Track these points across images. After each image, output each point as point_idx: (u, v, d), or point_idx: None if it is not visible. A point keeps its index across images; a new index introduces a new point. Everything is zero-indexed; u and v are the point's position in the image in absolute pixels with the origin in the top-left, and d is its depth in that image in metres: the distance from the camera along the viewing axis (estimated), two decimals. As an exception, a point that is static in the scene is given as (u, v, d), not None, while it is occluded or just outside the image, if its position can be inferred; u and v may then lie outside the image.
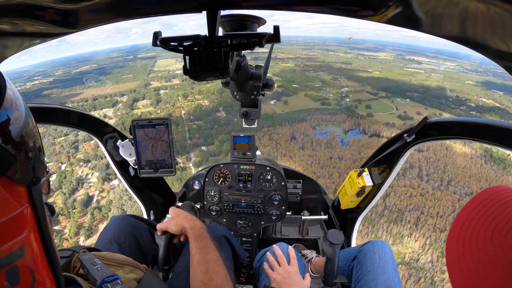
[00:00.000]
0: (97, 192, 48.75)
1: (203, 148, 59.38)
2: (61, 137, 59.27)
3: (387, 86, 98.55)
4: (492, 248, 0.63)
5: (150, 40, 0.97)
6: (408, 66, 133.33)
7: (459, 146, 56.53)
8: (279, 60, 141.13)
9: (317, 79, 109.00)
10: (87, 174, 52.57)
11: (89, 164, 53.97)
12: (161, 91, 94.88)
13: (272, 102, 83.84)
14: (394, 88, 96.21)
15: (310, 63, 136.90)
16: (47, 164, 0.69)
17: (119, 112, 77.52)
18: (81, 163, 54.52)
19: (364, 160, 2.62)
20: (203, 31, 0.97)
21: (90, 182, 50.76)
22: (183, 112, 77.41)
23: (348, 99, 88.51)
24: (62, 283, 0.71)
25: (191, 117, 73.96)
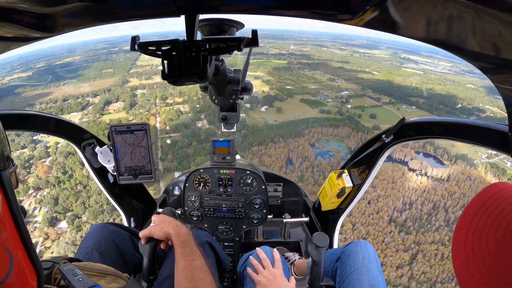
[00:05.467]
0: (40, 239, 36.51)
1: (176, 174, 43.02)
2: (18, 149, 47.91)
3: (389, 90, 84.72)
4: (505, 251, 0.56)
5: (139, 31, 0.78)
6: (405, 66, 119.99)
7: (481, 174, 44.64)
8: (271, 56, 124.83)
9: (313, 79, 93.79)
10: (34, 209, 40.07)
11: (38, 194, 41.31)
12: (138, 91, 78.97)
13: (263, 108, 67.78)
14: (397, 92, 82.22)
15: (304, 60, 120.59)
16: None
17: (86, 118, 62.82)
18: (30, 192, 42.14)
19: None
20: None
21: (35, 222, 38.27)
22: (158, 120, 60.94)
23: (349, 105, 73.69)
24: (41, 268, 0.67)
25: (167, 127, 57.58)
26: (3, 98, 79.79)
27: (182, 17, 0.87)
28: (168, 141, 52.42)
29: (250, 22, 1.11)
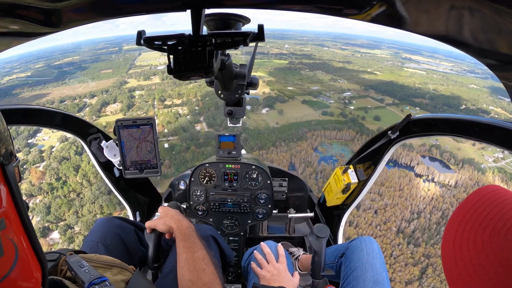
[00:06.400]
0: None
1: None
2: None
3: (392, 90, 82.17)
4: (492, 250, 0.58)
5: (139, 29, 0.92)
6: (407, 66, 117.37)
7: (489, 179, 42.80)
8: (272, 56, 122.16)
9: (315, 79, 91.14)
10: (26, 218, 36.61)
11: (31, 202, 38.89)
12: (137, 92, 76.51)
13: (264, 110, 65.33)
14: (400, 93, 79.70)
15: (306, 60, 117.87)
16: None
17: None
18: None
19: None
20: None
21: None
22: (156, 122, 58.38)
23: (352, 107, 71.22)
24: (45, 261, 0.68)
25: (165, 130, 55.33)
26: (0, 99, 78.21)
27: (183, 15, 0.84)
28: (166, 145, 50.14)
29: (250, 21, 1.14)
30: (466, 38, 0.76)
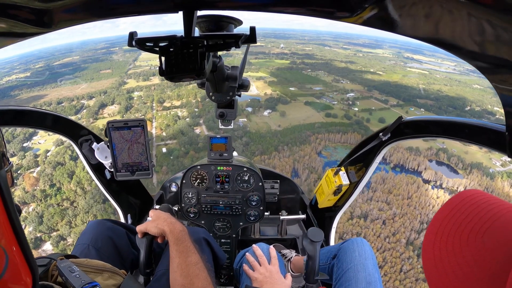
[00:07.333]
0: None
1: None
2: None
3: (396, 91, 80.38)
4: (469, 252, 0.59)
5: (140, 30, 0.85)
6: (410, 66, 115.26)
7: (499, 185, 41.02)
8: (273, 56, 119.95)
9: (317, 80, 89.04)
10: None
11: (24, 210, 37.27)
12: (135, 93, 74.92)
13: (266, 113, 63.32)
14: (404, 94, 77.75)
15: (307, 60, 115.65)
16: None
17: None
18: (14, 207, 37.23)
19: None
20: None
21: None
22: (154, 124, 56.56)
23: (356, 108, 69.40)
24: (35, 266, 0.67)
25: (164, 134, 53.24)
26: (-1, 101, 76.30)
27: (181, 14, 0.85)
28: (164, 150, 48.23)
29: (250, 20, 1.07)
30: (455, 41, 0.76)
